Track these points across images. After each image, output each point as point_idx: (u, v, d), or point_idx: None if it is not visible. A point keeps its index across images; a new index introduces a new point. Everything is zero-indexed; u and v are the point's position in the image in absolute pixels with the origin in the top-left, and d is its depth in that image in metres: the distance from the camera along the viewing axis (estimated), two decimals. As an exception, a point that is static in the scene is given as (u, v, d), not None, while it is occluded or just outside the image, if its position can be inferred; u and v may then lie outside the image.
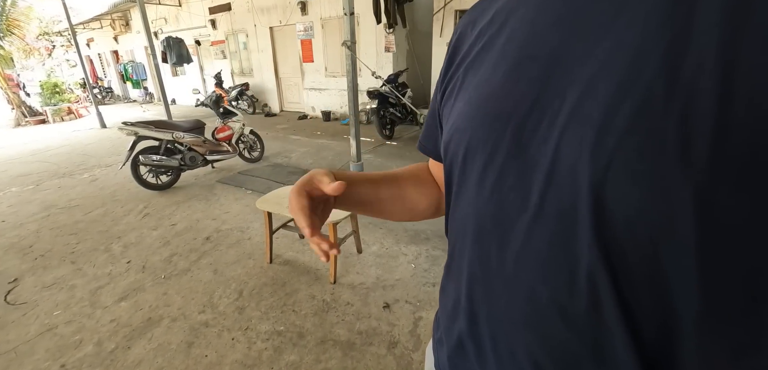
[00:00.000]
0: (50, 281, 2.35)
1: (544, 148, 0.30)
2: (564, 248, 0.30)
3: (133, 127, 3.55)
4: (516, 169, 0.32)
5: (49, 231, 3.07)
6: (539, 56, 0.31)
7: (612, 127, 0.26)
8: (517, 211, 0.32)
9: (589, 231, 0.28)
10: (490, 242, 0.36)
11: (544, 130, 0.30)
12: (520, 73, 0.33)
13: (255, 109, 9.04)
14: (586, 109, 0.27)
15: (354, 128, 3.10)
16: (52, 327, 1.93)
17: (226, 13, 9.01)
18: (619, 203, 0.26)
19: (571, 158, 0.28)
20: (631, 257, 0.27)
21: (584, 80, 0.28)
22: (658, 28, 0.25)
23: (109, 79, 15.51)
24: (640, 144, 0.25)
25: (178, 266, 2.45)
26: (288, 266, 2.37)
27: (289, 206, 0.45)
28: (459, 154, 0.38)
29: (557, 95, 0.30)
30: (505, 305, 0.35)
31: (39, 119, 9.67)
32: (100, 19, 12.75)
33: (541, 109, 0.31)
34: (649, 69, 0.25)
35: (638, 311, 0.28)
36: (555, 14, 0.31)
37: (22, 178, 4.66)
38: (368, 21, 6.04)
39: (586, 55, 0.28)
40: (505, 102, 0.33)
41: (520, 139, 0.32)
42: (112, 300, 2.12)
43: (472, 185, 0.37)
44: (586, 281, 0.29)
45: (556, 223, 0.30)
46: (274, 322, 1.89)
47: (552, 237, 0.30)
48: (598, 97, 0.27)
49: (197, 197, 3.66)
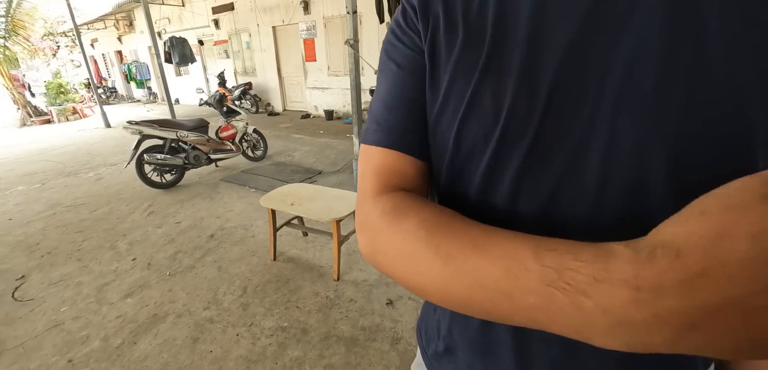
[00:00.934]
0: (57, 277, 2.38)
1: (593, 133, 0.29)
2: (634, 226, 0.27)
3: (137, 126, 3.58)
4: (556, 158, 0.30)
5: (55, 229, 3.10)
6: (558, 45, 0.29)
7: (672, 104, 0.26)
8: (572, 202, 0.31)
9: (669, 203, 0.26)
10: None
11: (589, 115, 0.29)
12: (546, 58, 0.30)
13: (258, 109, 9.07)
14: (636, 92, 0.27)
15: (357, 127, 3.11)
16: (59, 323, 1.95)
17: (229, 13, 9.05)
18: (696, 172, 0.27)
19: (631, 137, 0.28)
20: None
21: (622, 67, 0.28)
22: (677, 21, 0.26)
23: (113, 79, 15.62)
24: (704, 118, 0.26)
25: (183, 263, 2.47)
26: (292, 263, 2.38)
27: None
28: (466, 151, 0.34)
29: (592, 84, 0.29)
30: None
31: (44, 119, 9.76)
32: (104, 20, 12.85)
33: (576, 96, 0.29)
34: (686, 57, 0.26)
35: None
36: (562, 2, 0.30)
37: (29, 177, 4.70)
38: (371, 19, 6.04)
39: (613, 43, 0.28)
40: (522, 92, 0.31)
41: (557, 126, 0.30)
42: (118, 297, 2.15)
43: (507, 181, 0.33)
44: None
45: (625, 200, 0.29)
46: (278, 318, 1.90)
47: (622, 216, 0.29)
48: (647, 81, 0.27)
49: (201, 195, 3.68)
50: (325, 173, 4.20)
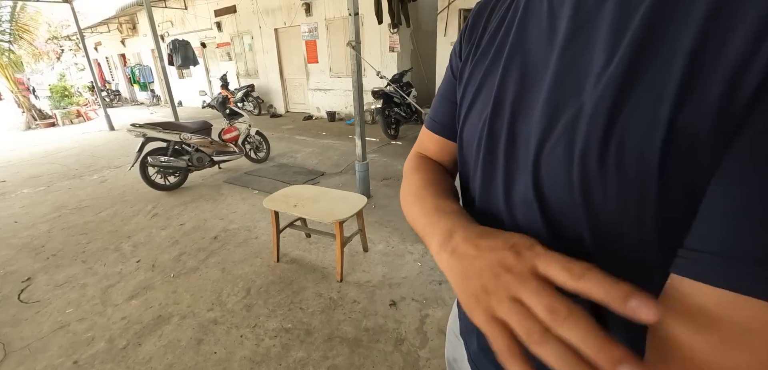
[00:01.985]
0: (62, 279, 2.39)
1: (522, 147, 0.35)
2: (530, 231, 0.35)
3: (141, 128, 3.60)
4: (505, 164, 0.38)
5: (60, 231, 3.13)
6: (526, 63, 0.37)
7: (550, 138, 0.32)
8: (503, 201, 0.38)
9: (541, 219, 0.34)
10: (486, 218, 0.41)
11: (525, 131, 0.35)
12: (511, 78, 0.38)
13: (260, 110, 9.10)
14: (541, 119, 0.33)
15: (359, 128, 3.11)
16: (65, 324, 1.96)
17: (232, 16, 9.08)
18: (552, 204, 0.33)
19: (529, 158, 0.34)
20: (573, 243, 0.33)
21: (547, 91, 0.33)
22: (595, 58, 0.30)
23: (116, 82, 15.71)
24: (559, 155, 0.31)
25: (187, 264, 2.48)
26: (295, 265, 2.39)
27: None
28: (473, 147, 0.42)
29: (534, 103, 0.35)
30: None
31: (49, 122, 9.83)
32: (107, 23, 12.93)
33: (525, 113, 0.36)
34: (581, 95, 0.30)
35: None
36: (540, 25, 0.36)
37: (34, 179, 4.74)
38: (373, 21, 6.05)
39: (552, 65, 0.33)
40: (500, 105, 0.38)
41: (511, 136, 0.37)
42: (122, 298, 2.16)
43: (478, 174, 0.42)
44: None
45: (523, 211, 0.36)
46: (282, 319, 1.91)
47: (520, 224, 0.36)
48: (546, 111, 0.33)
49: (205, 197, 3.69)
50: (327, 175, 4.21)
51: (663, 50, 0.26)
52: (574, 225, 0.31)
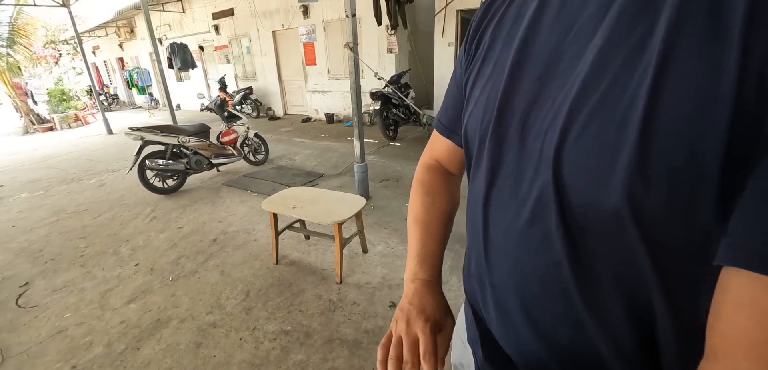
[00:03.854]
0: (60, 284, 2.38)
1: (536, 143, 0.34)
2: (542, 228, 0.34)
3: (139, 132, 3.59)
4: (515, 158, 0.37)
5: (58, 235, 3.11)
6: (540, 56, 0.35)
7: (572, 128, 0.30)
8: (511, 194, 0.37)
9: (557, 218, 0.32)
10: (491, 219, 0.41)
11: (539, 127, 0.34)
12: (526, 71, 0.36)
13: (259, 113, 9.09)
14: (562, 110, 0.32)
15: (358, 130, 3.11)
16: (63, 329, 1.95)
17: (229, 18, 9.08)
18: (574, 195, 0.31)
19: (548, 152, 0.32)
20: (589, 238, 0.31)
21: (567, 82, 0.32)
22: (623, 37, 0.28)
23: (114, 85, 15.68)
24: (588, 145, 0.29)
25: (186, 267, 2.47)
26: (294, 267, 2.38)
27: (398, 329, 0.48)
28: (475, 140, 0.43)
29: (550, 95, 0.33)
30: (500, 273, 0.41)
31: (47, 126, 9.81)
32: (105, 27, 12.92)
33: (539, 106, 0.34)
34: (608, 77, 0.28)
35: (605, 289, 0.32)
36: (554, 15, 0.35)
37: (32, 184, 4.73)
38: (370, 23, 6.06)
39: (573, 58, 0.32)
40: (512, 98, 0.37)
41: (522, 132, 0.36)
42: (121, 302, 2.15)
43: (483, 170, 0.41)
44: (557, 256, 0.33)
45: (537, 206, 0.34)
46: (281, 322, 1.90)
47: (533, 218, 0.35)
48: (568, 99, 0.31)
49: (203, 200, 3.69)
50: (326, 176, 4.20)
51: (708, 22, 0.24)
52: (599, 219, 0.30)
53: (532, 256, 0.36)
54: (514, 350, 0.43)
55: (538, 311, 0.38)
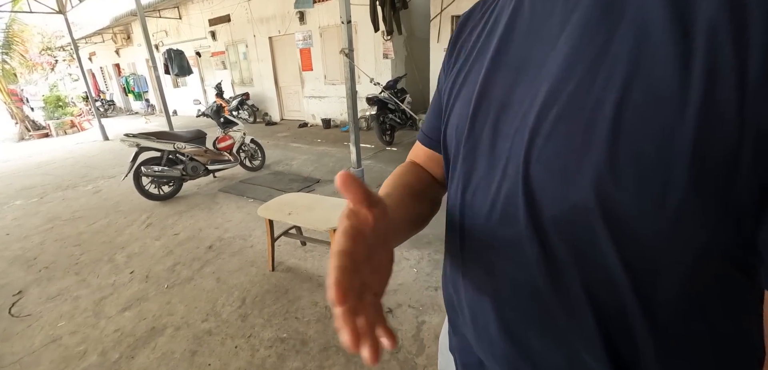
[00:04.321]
0: (55, 292, 2.37)
1: (504, 144, 0.35)
2: (511, 231, 0.34)
3: (135, 138, 3.59)
4: (487, 162, 0.37)
5: (53, 243, 3.09)
6: (512, 63, 0.36)
7: (540, 130, 0.31)
8: (482, 197, 0.38)
9: (526, 219, 0.33)
10: (463, 225, 0.41)
11: (507, 130, 0.35)
12: (498, 77, 0.37)
13: (256, 118, 9.09)
14: (529, 113, 0.33)
15: (353, 135, 3.13)
16: (57, 338, 1.94)
17: (226, 25, 9.11)
18: (542, 195, 0.32)
19: (515, 154, 0.33)
20: (559, 240, 0.32)
21: (535, 87, 0.33)
22: (586, 43, 0.29)
23: (111, 91, 15.64)
24: (557, 146, 0.30)
25: (181, 275, 2.46)
26: (290, 273, 2.38)
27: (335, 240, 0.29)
28: (452, 147, 0.44)
29: (519, 99, 0.34)
30: (472, 276, 0.41)
31: (42, 133, 9.76)
32: (101, 33, 12.91)
33: (509, 110, 0.35)
34: (573, 81, 0.29)
35: (576, 289, 0.32)
36: (525, 23, 0.36)
37: (27, 191, 4.69)
38: (366, 28, 6.09)
39: (540, 64, 0.33)
40: (485, 104, 0.38)
41: (493, 136, 0.37)
42: (115, 310, 2.13)
43: (458, 174, 0.42)
44: (527, 259, 0.34)
45: (505, 208, 0.35)
46: (277, 329, 1.89)
47: (503, 220, 0.35)
48: (537, 102, 0.32)
49: (199, 206, 3.68)
50: (323, 181, 4.21)
51: (673, 26, 0.25)
52: (568, 219, 0.30)
53: (502, 257, 0.36)
54: (488, 355, 0.43)
55: (510, 314, 0.38)
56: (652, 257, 0.28)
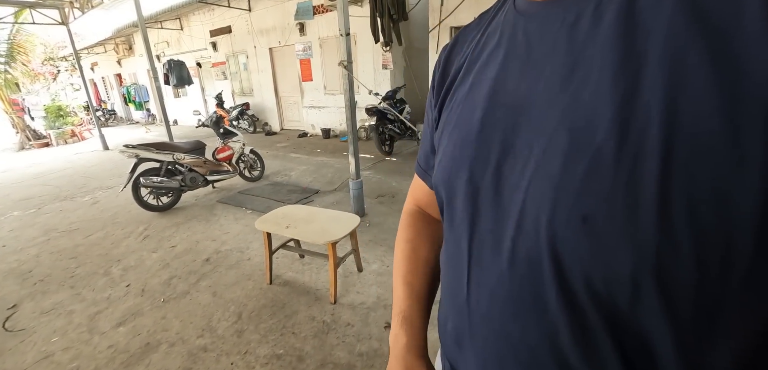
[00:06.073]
0: (49, 306, 2.34)
1: (515, 196, 0.31)
2: (533, 293, 0.31)
3: (134, 149, 3.58)
4: (493, 212, 0.34)
5: (49, 255, 3.07)
6: (510, 102, 0.33)
7: (568, 186, 0.27)
8: (492, 252, 0.34)
9: (553, 283, 0.29)
10: (470, 279, 0.37)
11: (516, 178, 0.32)
12: (495, 118, 0.34)
13: (255, 128, 9.12)
14: (548, 163, 0.29)
15: (352, 146, 3.12)
16: (50, 355, 1.90)
17: (227, 36, 9.18)
18: (575, 260, 0.28)
19: (534, 210, 0.30)
20: (595, 311, 0.28)
21: (548, 132, 0.29)
22: (609, 87, 0.26)
23: (112, 101, 15.72)
24: (592, 206, 0.26)
25: (177, 288, 2.43)
26: (288, 287, 2.35)
27: None
28: (445, 189, 0.40)
29: (527, 144, 0.31)
30: (483, 339, 0.37)
31: (43, 142, 9.78)
32: (103, 44, 13.02)
33: (514, 155, 0.32)
34: (601, 130, 0.26)
35: (614, 358, 0.28)
36: (521, 57, 0.33)
37: (24, 202, 4.68)
38: (365, 39, 6.13)
39: (547, 105, 0.30)
40: (483, 147, 0.35)
41: (497, 184, 0.33)
42: (110, 326, 2.10)
43: (458, 224, 0.38)
44: (553, 325, 0.30)
45: (526, 269, 0.31)
46: (274, 345, 1.86)
47: (522, 281, 0.32)
48: (557, 152, 0.28)
49: (197, 218, 3.66)
50: (322, 192, 4.19)
51: (712, 71, 0.22)
52: (609, 289, 0.27)
53: (521, 323, 0.33)
54: None
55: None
56: (706, 328, 0.25)
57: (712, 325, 0.25)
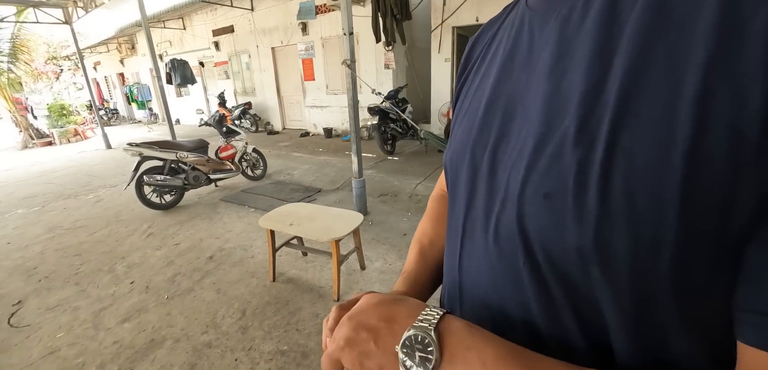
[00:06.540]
0: (54, 302, 2.35)
1: (503, 176, 0.35)
2: (510, 265, 0.34)
3: (137, 147, 3.60)
4: (487, 191, 0.37)
5: (53, 252, 3.09)
6: (511, 92, 0.37)
7: (538, 165, 0.30)
8: (482, 228, 0.37)
9: (523, 256, 0.32)
10: (462, 252, 0.41)
11: (507, 160, 0.35)
12: (497, 105, 0.38)
13: (258, 128, 9.14)
14: (526, 145, 0.32)
15: (355, 145, 3.13)
16: (55, 350, 1.92)
17: (229, 35, 9.21)
18: (538, 234, 0.31)
19: (513, 188, 0.33)
20: (555, 282, 0.31)
21: (532, 118, 0.33)
22: (582, 78, 0.29)
23: (114, 100, 15.79)
24: (552, 185, 0.29)
25: (182, 285, 2.45)
26: (291, 284, 2.36)
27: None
28: (452, 172, 0.44)
29: (517, 130, 0.34)
30: (469, 309, 0.40)
31: (46, 141, 9.83)
32: (106, 43, 13.08)
33: (507, 140, 0.35)
34: (568, 116, 0.29)
35: (574, 327, 0.31)
36: (524, 51, 0.36)
37: (28, 200, 4.71)
38: (368, 39, 6.15)
39: (535, 95, 0.33)
40: (484, 130, 0.38)
41: (492, 164, 0.36)
42: (115, 322, 2.12)
43: (460, 201, 0.42)
44: (525, 295, 0.33)
45: (505, 242, 0.34)
46: (278, 341, 1.87)
47: (501, 254, 0.35)
48: (533, 135, 0.32)
49: (201, 216, 3.67)
50: (324, 191, 4.20)
51: (665, 64, 0.24)
52: (563, 260, 0.30)
53: (499, 292, 0.36)
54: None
55: None
56: (649, 303, 0.27)
57: (651, 301, 0.27)
